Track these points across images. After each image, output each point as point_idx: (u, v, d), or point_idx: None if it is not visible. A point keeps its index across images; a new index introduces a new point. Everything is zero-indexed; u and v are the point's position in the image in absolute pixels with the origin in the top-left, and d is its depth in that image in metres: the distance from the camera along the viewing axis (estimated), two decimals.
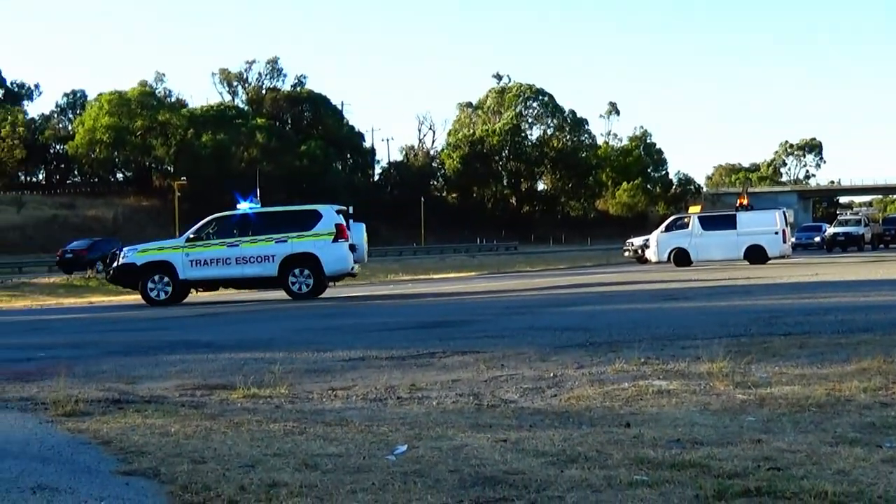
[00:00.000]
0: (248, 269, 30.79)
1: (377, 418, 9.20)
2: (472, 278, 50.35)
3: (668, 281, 35.26)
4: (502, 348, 14.60)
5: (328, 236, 31.01)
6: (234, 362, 14.05)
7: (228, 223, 31.57)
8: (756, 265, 47.89)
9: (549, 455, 7.38)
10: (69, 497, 6.69)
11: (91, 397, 10.64)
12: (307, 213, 32.54)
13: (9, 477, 7.29)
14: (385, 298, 32.08)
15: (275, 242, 30.78)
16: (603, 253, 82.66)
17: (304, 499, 6.35)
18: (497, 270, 61.25)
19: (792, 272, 37.99)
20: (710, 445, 7.57)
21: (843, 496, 6.03)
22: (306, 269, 30.92)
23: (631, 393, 10.17)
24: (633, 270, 49.80)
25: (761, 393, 9.84)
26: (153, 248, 31.63)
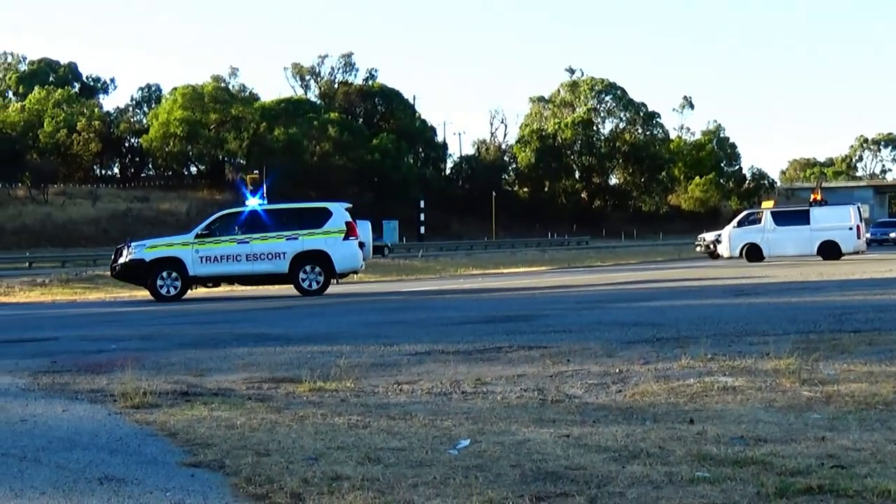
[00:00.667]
0: (258, 265, 30.78)
1: (441, 412, 9.24)
2: (542, 273, 50.28)
3: (738, 276, 35.02)
4: (569, 343, 14.59)
5: (339, 234, 31.08)
6: (301, 356, 14.13)
7: (238, 220, 31.60)
8: (829, 261, 47.37)
9: (611, 451, 7.40)
10: (135, 488, 6.78)
11: (159, 389, 10.75)
12: (317, 211, 32.61)
13: (77, 467, 7.41)
14: (454, 293, 32.09)
15: (286, 240, 30.80)
16: (674, 248, 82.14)
17: (365, 492, 6.40)
18: (567, 265, 61.08)
19: (865, 268, 37.56)
20: (773, 443, 7.55)
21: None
22: (317, 266, 30.98)
23: (696, 389, 10.14)
24: (705, 266, 49.47)
25: (828, 390, 9.78)
26: (162, 244, 31.51)
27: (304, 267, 30.82)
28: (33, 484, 6.96)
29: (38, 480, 7.06)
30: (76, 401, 10.44)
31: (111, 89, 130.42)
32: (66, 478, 7.11)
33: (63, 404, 10.25)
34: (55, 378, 12.27)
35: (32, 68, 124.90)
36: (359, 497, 6.29)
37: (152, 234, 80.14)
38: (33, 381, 12.08)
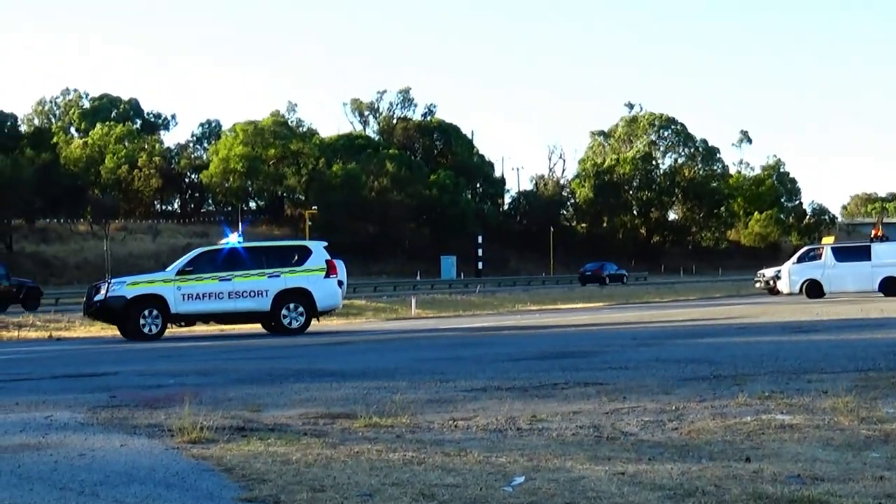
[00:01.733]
0: (240, 303, 30.38)
1: (496, 449, 9.24)
2: (599, 309, 50.18)
3: (798, 313, 34.77)
4: (625, 380, 14.57)
5: (320, 272, 31.08)
6: (357, 391, 14.17)
7: (218, 257, 31.27)
8: (891, 297, 46.96)
9: (666, 489, 7.38)
10: None
11: (216, 424, 10.81)
12: (297, 249, 32.55)
13: (134, 502, 7.47)
14: (511, 329, 32.08)
15: (268, 277, 30.46)
16: (734, 284, 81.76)
17: None
18: (626, 301, 60.93)
19: None
20: (830, 482, 7.51)
21: None
22: (299, 304, 30.74)
23: (753, 427, 10.09)
24: (764, 302, 49.19)
25: (886, 428, 9.71)
26: (143, 281, 30.76)
27: (286, 305, 30.61)
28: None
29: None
30: (134, 435, 10.53)
31: (172, 125, 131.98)
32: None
33: (121, 439, 10.33)
34: (114, 413, 12.37)
35: (94, 105, 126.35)
36: None
37: None
38: (92, 415, 12.19)
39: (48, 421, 11.81)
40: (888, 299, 45.37)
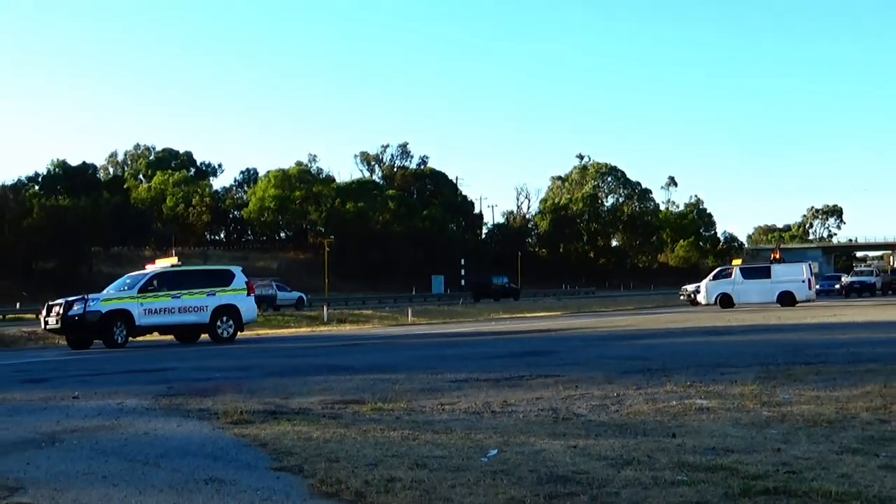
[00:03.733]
0: (187, 317, 29.66)
1: (475, 427, 9.22)
2: (557, 317, 50.12)
3: (713, 320, 34.81)
4: (577, 373, 14.56)
5: (243, 291, 30.73)
6: (365, 382, 14.14)
7: (168, 278, 29.92)
8: (786, 307, 47.11)
9: (609, 459, 7.37)
10: (232, 487, 6.82)
11: (253, 409, 10.79)
12: (224, 272, 31.89)
13: (188, 471, 7.46)
14: (487, 334, 32.03)
15: (206, 295, 29.93)
16: (663, 297, 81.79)
17: (414, 491, 6.41)
18: (578, 310, 60.83)
19: (815, 314, 37.26)
20: (739, 453, 7.50)
21: (845, 496, 5.97)
22: (230, 318, 30.20)
23: (678, 409, 10.09)
24: (686, 311, 49.18)
25: (783, 411, 9.72)
26: (114, 298, 28.98)
27: (220, 318, 30.04)
28: (153, 483, 7.01)
29: (157, 481, 7.12)
30: (188, 418, 10.50)
31: (219, 172, 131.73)
32: (179, 479, 7.16)
33: (177, 421, 10.31)
34: (171, 400, 12.35)
35: (158, 156, 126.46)
36: (408, 495, 6.30)
37: None
38: (154, 402, 12.17)
39: (119, 407, 11.79)
40: (784, 309, 45.44)
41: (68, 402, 12.63)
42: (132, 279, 30.18)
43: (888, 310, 39.60)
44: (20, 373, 18.92)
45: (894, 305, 45.82)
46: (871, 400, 10.17)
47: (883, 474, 6.59)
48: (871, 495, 5.97)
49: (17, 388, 15.19)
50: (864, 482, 6.34)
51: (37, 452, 8.51)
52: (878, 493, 6.03)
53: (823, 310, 41.52)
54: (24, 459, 8.17)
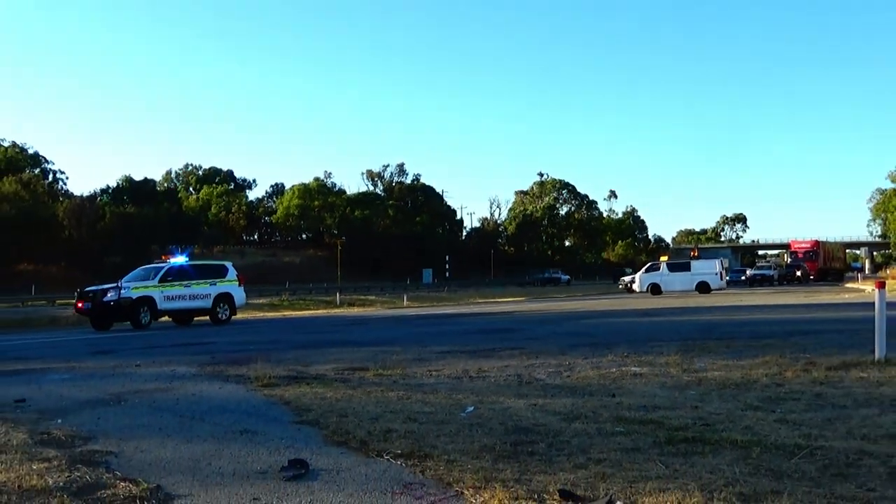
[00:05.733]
0: (195, 303, 28.90)
1: (456, 389, 9.21)
2: (522, 302, 50.16)
3: (645, 304, 34.89)
4: (537, 346, 14.56)
5: (236, 282, 30.29)
6: (370, 353, 14.11)
7: (179, 270, 28.93)
8: (703, 294, 47.26)
9: (562, 414, 7.37)
10: (263, 437, 6.80)
11: (279, 375, 10.76)
12: (220, 266, 31.25)
13: (227, 424, 7.44)
14: (466, 314, 32.04)
15: (209, 285, 29.29)
16: (606, 286, 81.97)
17: (407, 440, 6.40)
18: (539, 296, 60.88)
19: (726, 299, 37.38)
20: (664, 409, 7.51)
21: (748, 443, 5.98)
22: (226, 304, 29.71)
23: (616, 375, 10.09)
24: (624, 298, 49.26)
25: (699, 376, 9.73)
26: (141, 286, 27.76)
27: (219, 304, 29.52)
28: (199, 434, 6.99)
29: (202, 432, 7.09)
30: (227, 382, 10.46)
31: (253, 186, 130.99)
32: (219, 430, 7.14)
33: (219, 384, 10.27)
34: (214, 368, 12.30)
35: (205, 173, 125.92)
36: (403, 443, 6.29)
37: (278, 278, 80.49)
38: (200, 369, 12.12)
39: (172, 373, 11.74)
40: (701, 295, 45.59)
41: (132, 369, 12.56)
42: (145, 271, 29.44)
43: (782, 296, 39.76)
44: (91, 346, 18.82)
45: (787, 293, 45.99)
46: (769, 368, 10.20)
47: (778, 426, 6.61)
48: (768, 443, 5.99)
49: (90, 358, 15.10)
50: (764, 432, 6.36)
51: (105, 409, 8.46)
52: (773, 440, 6.06)
53: (732, 296, 41.67)
54: (95, 415, 8.13)
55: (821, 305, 28.45)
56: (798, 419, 6.88)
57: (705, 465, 5.43)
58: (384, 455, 5.96)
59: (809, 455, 5.62)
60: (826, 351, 11.89)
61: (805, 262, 79.01)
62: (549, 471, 5.38)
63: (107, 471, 5.79)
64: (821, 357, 11.01)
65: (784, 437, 6.18)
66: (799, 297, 38.40)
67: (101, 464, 6.01)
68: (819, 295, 40.21)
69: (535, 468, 5.47)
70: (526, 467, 5.49)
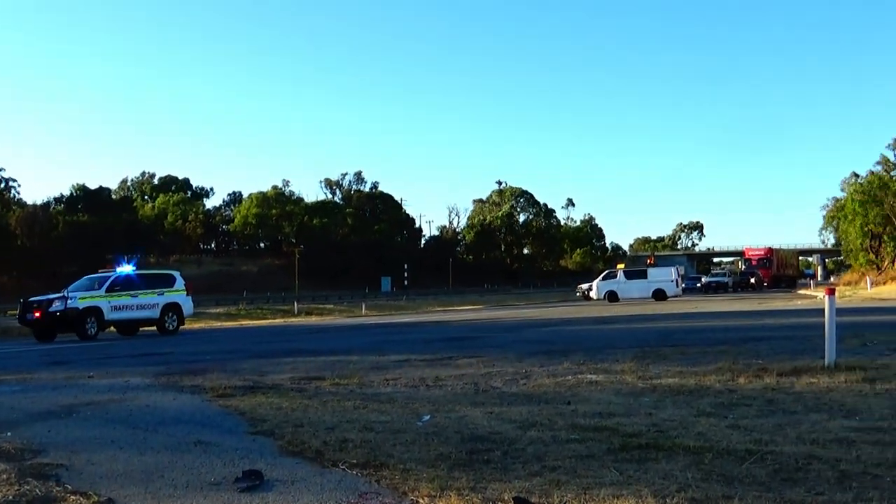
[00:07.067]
0: (142, 312, 28.36)
1: (413, 398, 9.19)
2: (480, 309, 50.26)
3: (602, 311, 35.14)
4: (494, 354, 14.56)
5: (183, 291, 29.92)
6: (326, 362, 14.05)
7: (127, 280, 28.40)
8: (659, 301, 47.70)
9: (518, 422, 7.38)
10: (217, 448, 6.72)
11: (235, 385, 10.67)
12: (167, 275, 30.82)
13: (181, 435, 7.35)
14: (425, 323, 32.03)
15: (157, 295, 28.80)
16: (563, 293, 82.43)
17: (363, 449, 6.37)
18: (497, 304, 61.04)
19: (681, 306, 37.79)
20: (619, 416, 7.55)
21: (701, 448, 6.03)
22: (174, 313, 29.29)
23: (572, 382, 10.13)
24: (582, 305, 49.59)
25: (654, 383, 9.81)
26: (88, 296, 27.09)
27: (167, 314, 29.04)
28: (152, 446, 6.90)
29: (155, 443, 7.00)
30: (182, 392, 10.35)
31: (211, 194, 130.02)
32: (173, 442, 7.05)
33: (173, 395, 10.15)
34: (169, 378, 12.16)
35: (161, 181, 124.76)
36: (359, 452, 6.26)
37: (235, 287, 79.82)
38: (155, 380, 11.98)
39: (126, 384, 11.59)
40: (658, 303, 46.03)
41: (84, 380, 12.37)
42: (91, 280, 28.72)
43: (736, 303, 40.28)
44: (43, 357, 18.51)
45: (742, 300, 46.59)
46: (722, 374, 10.31)
47: (730, 432, 6.67)
48: (720, 448, 6.04)
49: (42, 369, 14.85)
50: (716, 438, 6.42)
51: (57, 422, 8.32)
52: (725, 446, 6.11)
53: (688, 303, 42.14)
54: (46, 427, 7.99)
55: (773, 312, 28.83)
56: (750, 425, 6.96)
57: (658, 471, 5.47)
58: (340, 465, 5.92)
59: (760, 460, 5.69)
60: (778, 357, 12.05)
61: (759, 269, 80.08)
62: (505, 479, 5.39)
63: (57, 484, 5.69)
64: (773, 363, 11.14)
65: (736, 442, 6.25)
66: (752, 303, 38.87)
67: (51, 477, 5.91)
68: (772, 302, 40.76)
69: (490, 476, 5.47)
70: (481, 475, 5.50)
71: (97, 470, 6.10)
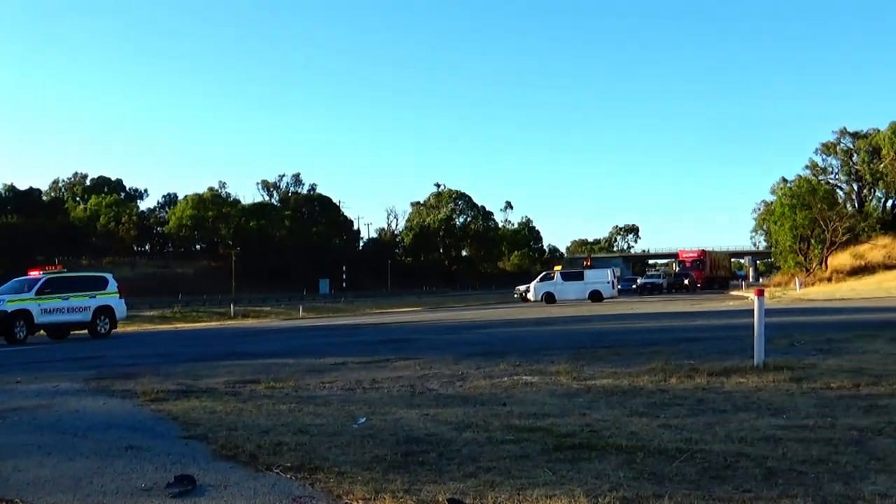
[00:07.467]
0: (74, 316, 27.74)
1: (349, 401, 9.16)
2: (418, 312, 50.26)
3: (540, 313, 35.37)
4: (432, 356, 14.55)
5: (116, 294, 29.44)
6: (262, 365, 13.90)
7: (58, 282, 27.79)
8: (596, 303, 48.21)
9: (453, 424, 7.40)
10: (148, 453, 6.63)
11: (168, 389, 10.52)
12: (100, 278, 30.23)
13: (111, 440, 7.23)
14: (363, 325, 31.92)
15: (88, 297, 28.23)
16: (502, 295, 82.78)
17: (297, 452, 6.34)
18: (436, 306, 61.12)
19: (617, 308, 38.23)
20: (553, 417, 7.62)
21: (633, 448, 6.12)
22: (106, 316, 28.83)
23: (508, 384, 10.19)
24: (520, 307, 49.89)
25: (588, 384, 9.91)
26: (17, 299, 26.48)
27: (99, 317, 28.57)
28: (82, 451, 6.77)
29: (84, 449, 6.87)
30: (113, 397, 10.16)
31: (145, 196, 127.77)
32: (103, 447, 6.93)
33: (104, 399, 9.97)
34: (100, 382, 11.93)
35: (94, 182, 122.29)
36: (293, 456, 6.22)
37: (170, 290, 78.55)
38: (85, 384, 11.75)
39: (55, 388, 11.35)
40: (594, 304, 46.49)
41: (11, 385, 12.07)
42: (20, 283, 27.99)
43: (671, 304, 40.90)
44: None
45: (676, 301, 47.32)
46: (654, 374, 10.46)
47: (662, 431, 6.78)
48: (652, 447, 6.14)
49: None
50: (648, 437, 6.52)
51: None
52: (657, 445, 6.21)
53: (623, 305, 42.66)
54: None
55: (706, 313, 29.34)
56: (680, 424, 7.08)
57: (591, 470, 5.53)
58: (274, 468, 5.88)
59: (690, 458, 5.79)
60: (709, 357, 12.26)
61: (693, 271, 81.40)
62: (440, 480, 5.40)
63: None
64: (704, 363, 11.35)
65: (667, 441, 6.35)
66: (686, 304, 39.50)
67: None
68: (705, 303, 41.48)
69: (425, 478, 5.48)
70: (416, 477, 5.50)
71: (24, 477, 5.97)
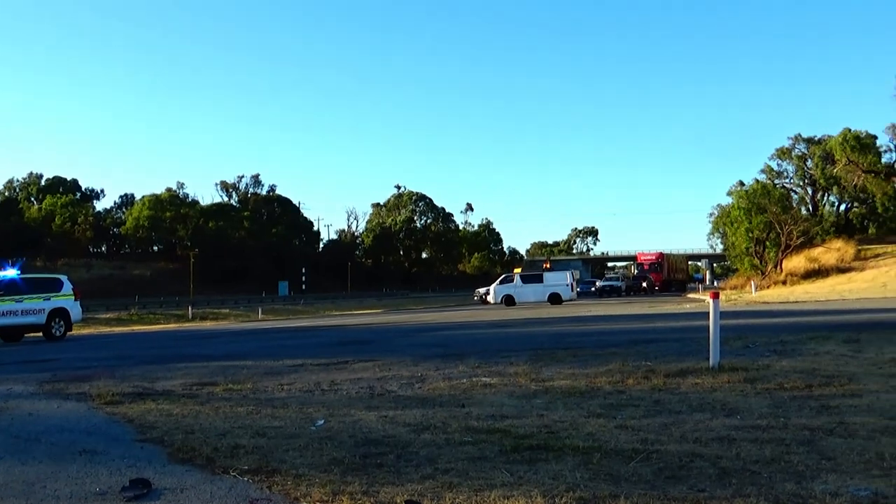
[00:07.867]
0: (28, 318, 27.26)
1: (307, 403, 9.12)
2: (378, 314, 50.16)
3: (499, 315, 35.48)
4: (391, 358, 14.54)
5: (71, 296, 28.99)
6: (220, 368, 13.78)
7: (10, 285, 27.28)
8: (555, 305, 48.47)
9: (412, 425, 7.40)
10: (103, 457, 6.55)
11: (123, 391, 10.39)
12: (54, 280, 29.67)
13: (65, 444, 7.14)
14: (322, 327, 31.76)
15: (43, 300, 27.74)
16: (461, 297, 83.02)
17: (255, 455, 6.30)
18: (396, 308, 61.03)
19: (576, 310, 38.44)
20: (512, 418, 7.65)
21: (590, 449, 6.16)
22: (61, 319, 28.38)
23: (467, 385, 10.21)
24: (479, 309, 50.00)
25: (547, 385, 9.96)
26: None
27: (54, 319, 28.10)
28: (34, 456, 6.67)
29: (38, 453, 6.77)
30: (67, 400, 10.02)
31: (101, 196, 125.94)
32: (57, 451, 6.84)
33: (58, 403, 9.82)
34: (54, 385, 11.76)
35: (48, 182, 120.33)
36: (250, 459, 6.19)
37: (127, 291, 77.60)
38: (39, 387, 11.56)
39: (8, 391, 11.17)
40: (553, 306, 46.73)
41: None
42: None
43: (629, 307, 41.23)
44: None
45: (634, 303, 47.71)
46: (612, 376, 10.54)
47: (618, 432, 6.84)
48: (608, 448, 6.19)
49: None
50: (604, 438, 6.57)
51: None
52: (613, 446, 6.27)
53: (582, 307, 42.90)
54: None
55: (663, 315, 29.60)
56: (637, 425, 7.14)
57: (548, 471, 5.57)
58: (231, 471, 5.84)
59: (646, 459, 5.85)
60: (665, 359, 12.38)
61: (651, 274, 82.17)
62: (398, 482, 5.40)
63: None
64: (660, 365, 11.46)
65: (623, 442, 6.41)
66: (644, 307, 39.82)
67: None
68: (663, 305, 41.87)
69: (383, 480, 5.48)
70: (374, 479, 5.50)
71: None
